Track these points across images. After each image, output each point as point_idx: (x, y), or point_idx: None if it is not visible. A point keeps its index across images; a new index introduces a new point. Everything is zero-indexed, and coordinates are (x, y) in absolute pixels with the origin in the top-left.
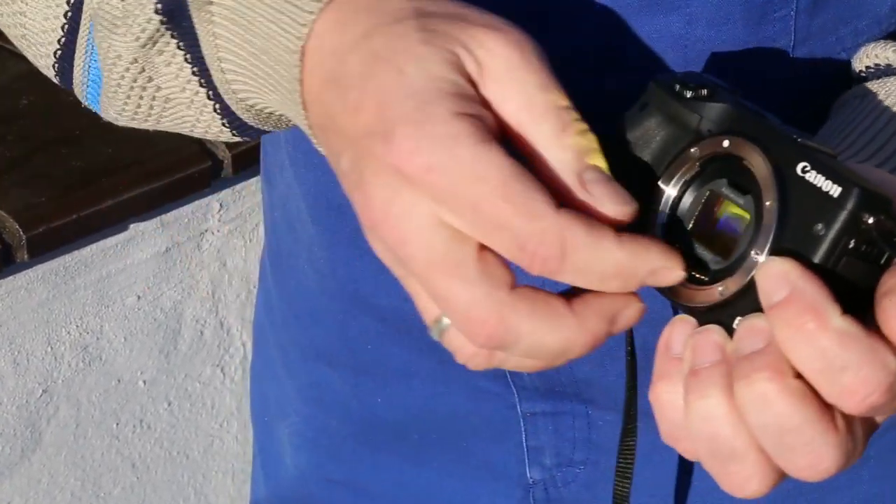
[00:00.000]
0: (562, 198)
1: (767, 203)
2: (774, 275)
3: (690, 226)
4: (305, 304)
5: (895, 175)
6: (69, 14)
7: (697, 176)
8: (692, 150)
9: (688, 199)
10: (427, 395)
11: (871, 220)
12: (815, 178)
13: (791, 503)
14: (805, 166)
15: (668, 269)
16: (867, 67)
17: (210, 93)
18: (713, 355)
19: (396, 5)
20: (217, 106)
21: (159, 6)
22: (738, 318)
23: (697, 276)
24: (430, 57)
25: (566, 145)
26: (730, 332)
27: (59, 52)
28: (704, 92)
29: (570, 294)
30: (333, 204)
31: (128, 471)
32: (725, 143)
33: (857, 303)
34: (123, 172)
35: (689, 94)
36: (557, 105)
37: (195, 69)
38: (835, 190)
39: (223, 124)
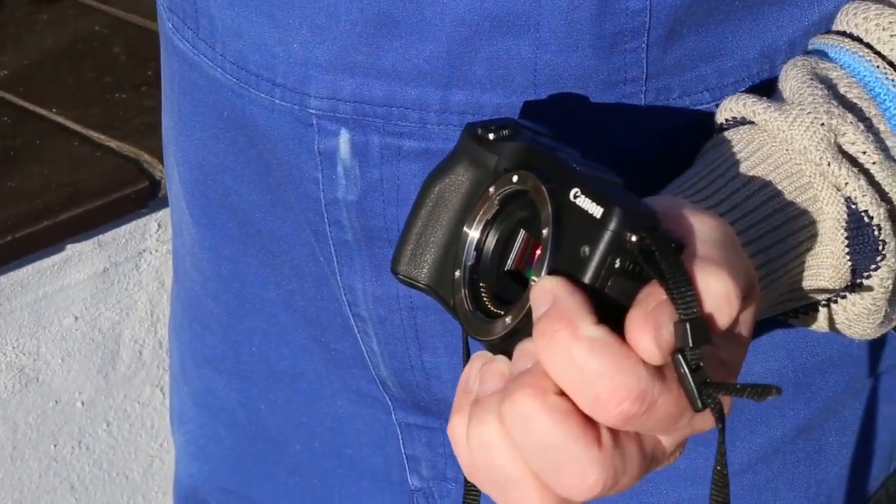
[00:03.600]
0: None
1: (544, 231)
2: (541, 291)
3: (496, 264)
4: (193, 308)
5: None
6: None
7: (498, 214)
8: (490, 189)
9: (492, 239)
10: (312, 398)
11: (633, 239)
12: (584, 202)
13: None
14: (576, 192)
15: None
16: (726, 120)
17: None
18: (496, 384)
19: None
20: None
21: None
22: None
23: (495, 310)
24: None
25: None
26: None
27: None
28: (505, 133)
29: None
30: (214, 202)
31: (66, 493)
32: (514, 179)
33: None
34: (59, 193)
35: (491, 137)
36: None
37: None
38: (598, 211)
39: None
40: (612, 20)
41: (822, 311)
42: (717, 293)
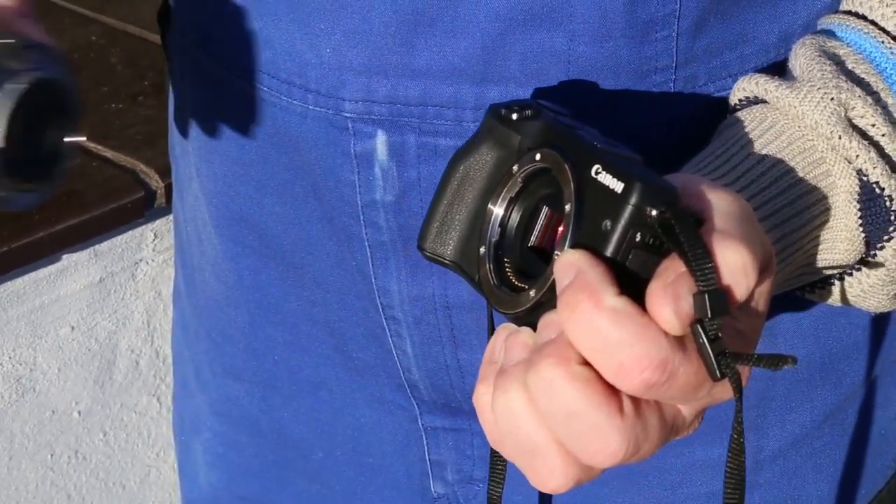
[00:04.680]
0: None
1: (567, 207)
2: (565, 264)
3: (519, 240)
4: (213, 318)
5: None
6: None
7: (521, 192)
8: (514, 167)
9: (515, 216)
10: (334, 407)
11: (654, 213)
12: (605, 178)
13: None
14: (597, 168)
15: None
16: (739, 100)
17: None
18: (520, 354)
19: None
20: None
21: None
22: None
23: (519, 284)
24: None
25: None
26: None
27: None
28: (527, 113)
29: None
30: (235, 213)
31: (63, 502)
32: (537, 157)
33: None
34: (55, 203)
35: (514, 117)
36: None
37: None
38: (619, 187)
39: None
40: (644, 9)
41: (838, 285)
42: (735, 265)
